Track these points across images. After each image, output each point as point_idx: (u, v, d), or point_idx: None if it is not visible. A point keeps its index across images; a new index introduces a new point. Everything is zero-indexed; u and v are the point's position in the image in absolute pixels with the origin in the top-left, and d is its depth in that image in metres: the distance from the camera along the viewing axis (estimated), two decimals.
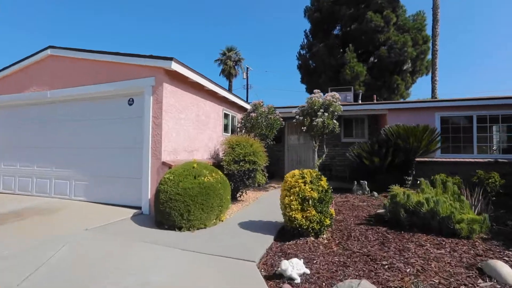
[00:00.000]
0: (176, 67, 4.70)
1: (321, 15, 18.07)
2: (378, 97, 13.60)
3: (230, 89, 28.50)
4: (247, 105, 8.46)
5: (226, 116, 7.69)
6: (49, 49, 5.78)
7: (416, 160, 7.00)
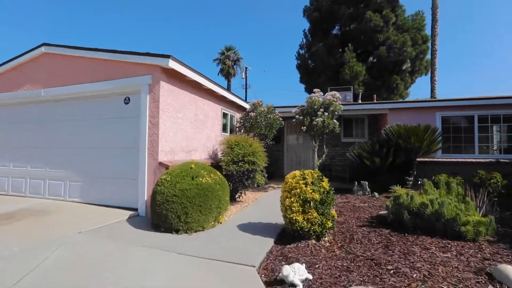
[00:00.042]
0: (173, 65, 4.58)
1: (320, 15, 17.98)
2: (377, 97, 13.52)
3: (229, 89, 28.34)
4: (246, 105, 8.35)
5: (224, 115, 7.57)
6: (43, 47, 5.64)
7: (417, 160, 6.92)
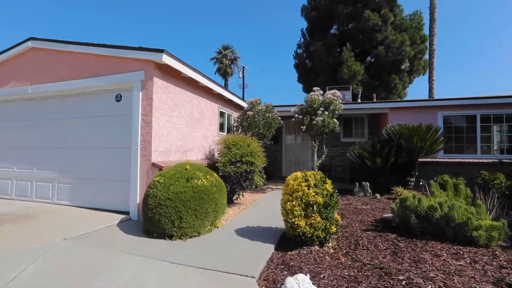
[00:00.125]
0: (167, 60, 4.33)
1: (318, 14, 17.82)
2: (376, 96, 13.39)
3: (226, 88, 28.07)
4: (243, 103, 8.13)
5: (222, 114, 7.34)
6: (30, 41, 5.35)
7: (419, 160, 6.76)
